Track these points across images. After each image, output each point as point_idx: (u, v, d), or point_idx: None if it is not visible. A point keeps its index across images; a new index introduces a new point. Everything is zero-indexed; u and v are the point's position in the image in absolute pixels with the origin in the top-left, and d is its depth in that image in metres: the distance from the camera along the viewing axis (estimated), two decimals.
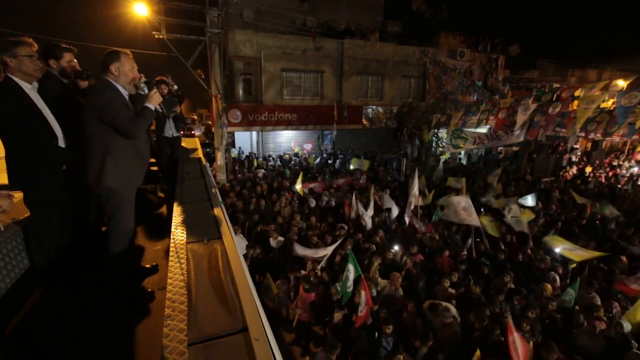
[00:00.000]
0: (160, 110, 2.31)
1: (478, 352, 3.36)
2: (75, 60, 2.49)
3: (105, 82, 2.03)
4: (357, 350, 3.65)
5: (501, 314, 3.97)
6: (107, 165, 2.01)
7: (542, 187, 9.91)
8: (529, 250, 5.77)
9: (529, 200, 7.80)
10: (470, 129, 10.59)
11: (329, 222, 6.89)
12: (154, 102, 2.13)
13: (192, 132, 23.35)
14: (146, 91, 2.16)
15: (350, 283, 4.18)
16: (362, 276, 4.12)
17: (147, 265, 2.44)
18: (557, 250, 5.54)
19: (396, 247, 5.70)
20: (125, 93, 2.12)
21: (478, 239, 6.23)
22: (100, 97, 1.95)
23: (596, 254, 5.11)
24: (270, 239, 5.89)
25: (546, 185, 10.39)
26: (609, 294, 4.58)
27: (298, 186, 8.03)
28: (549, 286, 4.50)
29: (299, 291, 4.58)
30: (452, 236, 6.64)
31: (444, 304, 4.07)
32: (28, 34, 2.16)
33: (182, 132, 4.82)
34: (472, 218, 6.07)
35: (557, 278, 4.95)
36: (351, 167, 9.59)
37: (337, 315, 4.10)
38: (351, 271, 4.17)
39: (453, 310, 4.01)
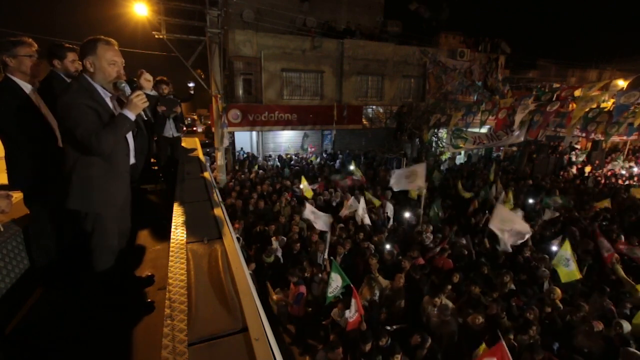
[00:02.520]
0: (146, 118, 1.84)
1: (483, 345, 3.37)
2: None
3: (80, 81, 1.65)
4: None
5: (498, 315, 3.96)
6: (71, 183, 1.68)
7: (532, 184, 9.89)
8: (527, 252, 5.76)
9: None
10: (472, 130, 10.59)
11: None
12: (134, 108, 1.67)
13: (194, 128, 23.65)
14: (127, 92, 1.72)
15: (332, 289, 4.18)
16: (352, 285, 4.09)
17: (143, 276, 2.30)
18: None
19: (388, 246, 5.66)
20: (106, 94, 1.74)
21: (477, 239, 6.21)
22: (59, 100, 1.58)
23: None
24: (273, 239, 5.87)
25: (545, 184, 10.37)
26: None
27: (305, 188, 7.96)
28: (559, 290, 4.45)
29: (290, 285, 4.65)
30: (451, 236, 6.62)
31: (445, 300, 4.08)
32: (28, 34, 2.15)
33: (184, 129, 4.81)
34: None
35: (548, 274, 4.96)
36: (351, 167, 9.65)
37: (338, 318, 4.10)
38: (334, 279, 4.16)
39: (452, 308, 4.02)
